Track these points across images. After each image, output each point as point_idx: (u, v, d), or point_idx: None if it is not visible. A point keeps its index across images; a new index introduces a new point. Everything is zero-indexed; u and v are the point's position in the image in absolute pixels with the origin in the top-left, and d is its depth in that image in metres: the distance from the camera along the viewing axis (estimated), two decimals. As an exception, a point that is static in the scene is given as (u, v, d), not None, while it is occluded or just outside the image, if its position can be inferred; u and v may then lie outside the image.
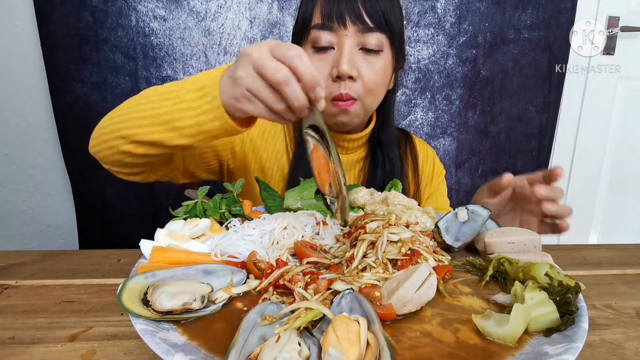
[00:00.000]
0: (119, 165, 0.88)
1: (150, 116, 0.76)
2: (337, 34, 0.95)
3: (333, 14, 0.93)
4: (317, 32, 0.96)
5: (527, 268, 0.60)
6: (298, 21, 1.02)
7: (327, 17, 0.94)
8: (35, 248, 1.89)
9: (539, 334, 0.50)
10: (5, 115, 1.74)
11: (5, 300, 0.73)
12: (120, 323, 0.66)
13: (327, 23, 0.94)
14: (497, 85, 1.99)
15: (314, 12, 0.97)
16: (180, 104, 0.73)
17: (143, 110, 0.78)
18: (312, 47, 0.98)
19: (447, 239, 0.75)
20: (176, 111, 0.73)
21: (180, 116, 0.73)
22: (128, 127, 0.79)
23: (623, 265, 0.97)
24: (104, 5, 1.62)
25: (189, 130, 0.74)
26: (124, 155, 0.83)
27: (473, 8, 1.89)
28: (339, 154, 0.68)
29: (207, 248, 0.70)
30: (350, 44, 0.95)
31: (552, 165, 2.22)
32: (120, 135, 0.80)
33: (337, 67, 0.94)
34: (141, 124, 0.77)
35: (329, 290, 0.56)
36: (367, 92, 1.00)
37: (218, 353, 0.46)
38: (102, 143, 0.86)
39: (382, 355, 0.43)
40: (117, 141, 0.81)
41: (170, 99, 0.75)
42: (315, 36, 0.96)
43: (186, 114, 0.73)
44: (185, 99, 0.73)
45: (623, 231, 2.36)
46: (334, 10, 0.93)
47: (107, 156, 0.87)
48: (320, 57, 0.98)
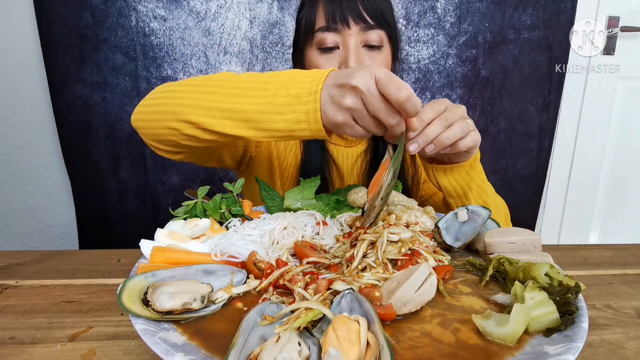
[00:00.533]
0: (169, 144, 0.86)
1: (230, 110, 0.75)
2: (342, 34, 1.01)
3: (336, 16, 0.99)
4: (322, 34, 1.01)
5: (527, 268, 0.60)
6: (301, 26, 1.06)
7: (331, 19, 1.00)
8: (35, 248, 1.89)
9: (539, 334, 0.50)
10: (5, 115, 1.74)
11: (5, 300, 0.73)
12: (120, 323, 0.66)
13: (332, 25, 1.00)
14: (497, 85, 1.99)
15: (317, 16, 1.02)
16: (272, 108, 0.72)
17: (219, 102, 0.76)
18: (318, 48, 1.03)
19: (447, 239, 0.75)
20: (266, 113, 0.72)
21: (270, 119, 0.72)
22: (198, 114, 0.77)
23: (623, 265, 0.97)
24: (104, 5, 1.63)
25: (277, 133, 0.73)
26: (185, 138, 0.81)
27: (473, 8, 1.89)
28: (396, 173, 0.71)
29: (207, 248, 0.70)
30: (354, 42, 1.01)
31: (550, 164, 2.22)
32: (186, 120, 0.78)
33: (346, 64, 1.00)
34: (216, 115, 0.76)
35: (329, 290, 0.56)
36: None
37: (218, 353, 0.46)
38: (156, 121, 0.83)
39: (382, 355, 0.43)
40: (180, 124, 0.79)
41: (258, 97, 0.73)
42: (320, 38, 1.02)
43: (279, 118, 0.72)
44: (279, 103, 0.72)
45: (623, 231, 2.36)
46: (337, 12, 0.99)
47: (159, 135, 0.85)
48: (327, 57, 1.03)
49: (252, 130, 0.75)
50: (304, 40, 1.06)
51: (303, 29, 1.05)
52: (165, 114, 0.82)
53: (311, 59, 1.05)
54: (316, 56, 1.04)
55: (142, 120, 0.87)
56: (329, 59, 1.03)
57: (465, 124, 0.79)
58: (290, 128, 0.72)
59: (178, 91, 0.83)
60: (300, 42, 1.08)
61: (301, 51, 1.09)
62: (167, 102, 0.83)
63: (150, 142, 0.90)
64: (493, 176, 2.06)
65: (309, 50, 1.05)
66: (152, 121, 0.85)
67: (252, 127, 0.74)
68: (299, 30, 1.08)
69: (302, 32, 1.06)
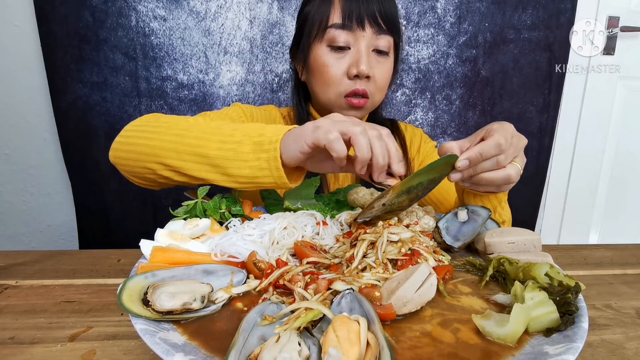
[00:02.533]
0: (148, 181, 0.87)
1: (198, 154, 0.76)
2: (355, 34, 1.00)
3: (353, 15, 0.98)
4: (335, 31, 1.00)
5: (527, 268, 0.60)
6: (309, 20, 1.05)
7: (347, 17, 0.99)
8: (35, 248, 1.89)
9: (539, 334, 0.50)
10: (5, 115, 1.74)
11: (5, 300, 0.73)
12: (120, 323, 0.66)
13: (347, 23, 0.99)
14: (497, 85, 1.99)
15: (331, 11, 1.00)
16: (237, 155, 0.73)
17: (188, 145, 0.77)
18: (328, 45, 1.02)
19: (447, 239, 0.75)
20: (232, 159, 0.73)
21: (235, 165, 0.73)
22: (171, 158, 0.78)
23: (623, 265, 0.97)
24: (104, 5, 1.62)
25: (243, 179, 0.74)
26: (161, 177, 0.82)
27: (473, 8, 1.89)
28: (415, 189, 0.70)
29: (207, 248, 0.70)
30: (366, 45, 1.01)
31: (550, 164, 2.22)
32: (161, 162, 0.79)
33: (357, 67, 1.00)
34: (185, 158, 0.77)
35: (329, 290, 0.56)
36: (377, 90, 1.08)
37: (218, 353, 0.46)
38: (132, 160, 0.84)
39: (382, 355, 0.43)
40: (156, 165, 0.80)
41: (224, 143, 0.74)
42: (333, 35, 1.01)
43: (244, 165, 0.73)
44: (244, 150, 0.73)
45: (623, 231, 2.36)
46: (354, 11, 0.98)
47: (137, 172, 0.86)
48: (337, 57, 1.03)
49: (219, 175, 0.75)
50: (312, 35, 1.04)
51: (312, 24, 1.04)
52: (140, 154, 0.82)
53: (320, 56, 1.04)
54: (326, 53, 1.03)
55: (118, 157, 0.88)
56: (339, 58, 1.02)
57: (515, 171, 0.77)
58: (254, 175, 0.73)
59: (150, 131, 0.82)
60: (307, 36, 1.06)
61: (306, 47, 1.07)
62: (141, 142, 0.83)
63: (130, 178, 0.90)
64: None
65: (318, 45, 1.04)
66: (129, 159, 0.85)
67: (220, 172, 0.75)
68: (306, 25, 1.06)
69: (310, 26, 1.04)
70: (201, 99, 1.76)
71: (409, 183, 0.68)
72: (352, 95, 1.05)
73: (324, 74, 1.05)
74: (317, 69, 1.06)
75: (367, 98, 1.06)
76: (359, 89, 1.03)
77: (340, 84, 1.04)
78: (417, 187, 0.69)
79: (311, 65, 1.08)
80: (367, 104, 1.07)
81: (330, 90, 1.06)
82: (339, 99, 1.06)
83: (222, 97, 1.78)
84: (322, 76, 1.05)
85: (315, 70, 1.07)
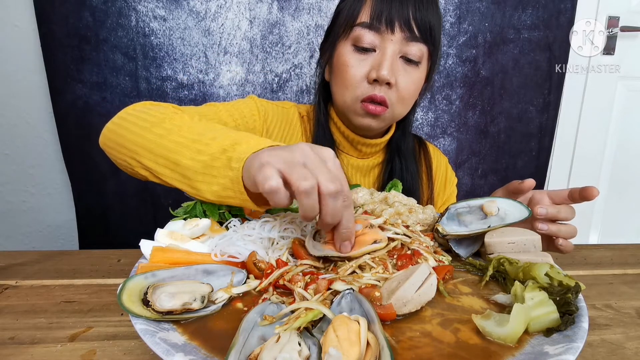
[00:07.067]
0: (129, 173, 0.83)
1: (173, 161, 0.70)
2: (382, 37, 0.94)
3: (383, 16, 0.92)
4: (361, 31, 0.95)
5: (527, 268, 0.60)
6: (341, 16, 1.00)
7: (376, 17, 0.93)
8: (35, 248, 1.89)
9: (539, 334, 0.50)
10: (5, 115, 1.74)
11: (5, 300, 0.73)
12: (120, 323, 0.66)
13: (375, 24, 0.93)
14: (497, 85, 1.99)
15: (361, 9, 0.95)
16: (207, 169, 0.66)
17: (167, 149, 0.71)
18: (353, 45, 0.97)
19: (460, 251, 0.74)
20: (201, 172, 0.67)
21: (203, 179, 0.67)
22: (147, 158, 0.73)
23: (623, 265, 0.97)
24: (104, 5, 1.63)
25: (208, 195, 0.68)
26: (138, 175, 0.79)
27: (473, 8, 1.89)
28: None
29: (207, 248, 0.70)
30: (392, 50, 0.94)
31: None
32: (138, 160, 0.75)
33: (378, 70, 0.94)
34: (160, 162, 0.72)
35: (329, 290, 0.56)
36: (399, 100, 1.00)
37: (218, 353, 0.46)
38: (117, 152, 0.80)
39: (382, 355, 0.43)
40: (134, 162, 0.76)
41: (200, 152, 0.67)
42: (359, 34, 0.95)
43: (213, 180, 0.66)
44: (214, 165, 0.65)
45: (623, 231, 2.36)
46: (384, 12, 0.92)
47: (119, 164, 0.83)
48: (359, 58, 0.97)
49: (188, 188, 0.69)
50: (339, 32, 1.00)
51: (342, 20, 0.99)
52: (122, 147, 0.78)
53: (342, 54, 0.99)
54: (349, 52, 0.97)
55: (104, 144, 0.84)
56: (362, 60, 0.96)
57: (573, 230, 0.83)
58: (219, 194, 0.66)
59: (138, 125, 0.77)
60: (335, 33, 1.02)
61: (333, 43, 1.03)
62: (126, 134, 0.78)
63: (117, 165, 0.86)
64: (493, 176, 2.06)
65: (343, 44, 0.99)
66: (113, 149, 0.82)
67: (188, 185, 0.69)
68: (337, 21, 1.02)
69: (339, 22, 1.00)
70: (201, 99, 1.77)
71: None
72: (369, 100, 0.97)
73: (343, 74, 0.99)
74: (338, 68, 1.01)
75: (385, 107, 0.98)
76: (377, 95, 0.96)
77: (358, 87, 0.98)
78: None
79: (334, 63, 1.02)
80: (385, 113, 0.99)
81: (347, 93, 1.00)
82: (355, 103, 0.99)
83: (222, 97, 1.78)
84: (341, 76, 1.00)
85: (336, 69, 1.02)
